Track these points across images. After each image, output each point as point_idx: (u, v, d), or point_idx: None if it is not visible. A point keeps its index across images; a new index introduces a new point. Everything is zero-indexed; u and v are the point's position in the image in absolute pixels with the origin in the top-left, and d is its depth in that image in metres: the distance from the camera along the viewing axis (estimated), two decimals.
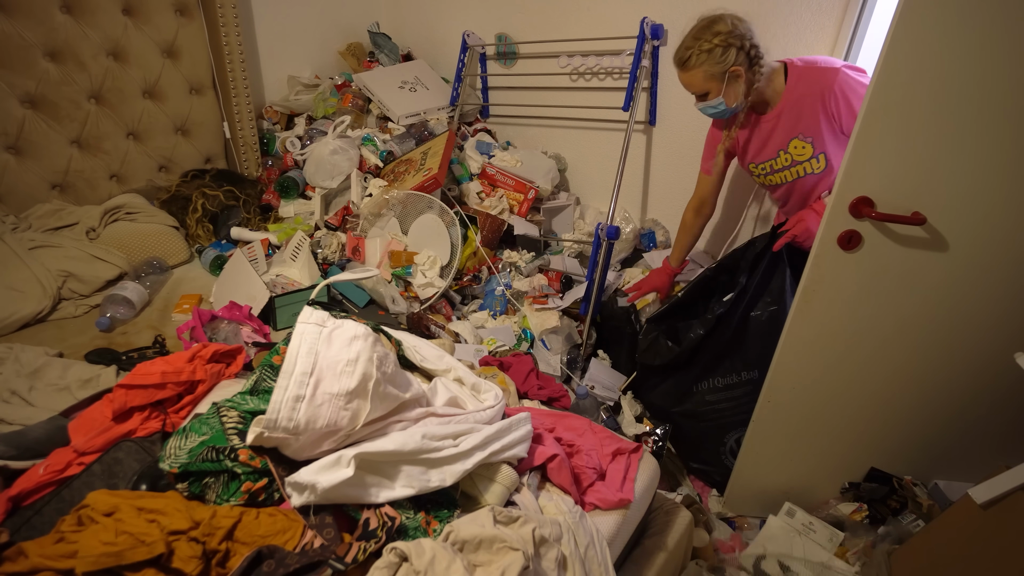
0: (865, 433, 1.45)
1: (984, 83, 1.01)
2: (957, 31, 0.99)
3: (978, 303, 1.21)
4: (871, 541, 1.43)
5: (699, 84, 1.50)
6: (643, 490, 1.13)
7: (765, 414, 1.49)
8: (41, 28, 1.78)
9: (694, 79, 1.50)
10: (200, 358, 1.11)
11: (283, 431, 0.81)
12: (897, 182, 1.13)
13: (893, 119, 1.08)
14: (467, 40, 2.48)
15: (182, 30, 2.07)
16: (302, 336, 0.89)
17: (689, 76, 1.50)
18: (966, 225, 1.13)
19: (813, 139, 1.50)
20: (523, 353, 1.68)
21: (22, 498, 0.89)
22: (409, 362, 1.17)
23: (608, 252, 1.94)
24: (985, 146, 1.05)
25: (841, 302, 1.28)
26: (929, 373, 1.32)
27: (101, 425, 1.00)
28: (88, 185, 2.00)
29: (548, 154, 2.49)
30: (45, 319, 1.63)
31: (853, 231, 1.19)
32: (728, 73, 1.46)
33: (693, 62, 1.47)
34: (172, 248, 1.95)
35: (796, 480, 1.58)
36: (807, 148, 1.51)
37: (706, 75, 1.47)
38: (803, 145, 1.52)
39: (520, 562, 0.77)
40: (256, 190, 2.23)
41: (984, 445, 1.38)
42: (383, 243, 2.00)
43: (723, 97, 1.50)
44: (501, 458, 0.95)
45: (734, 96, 1.50)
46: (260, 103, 2.46)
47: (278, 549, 0.74)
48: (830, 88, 1.42)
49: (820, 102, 1.44)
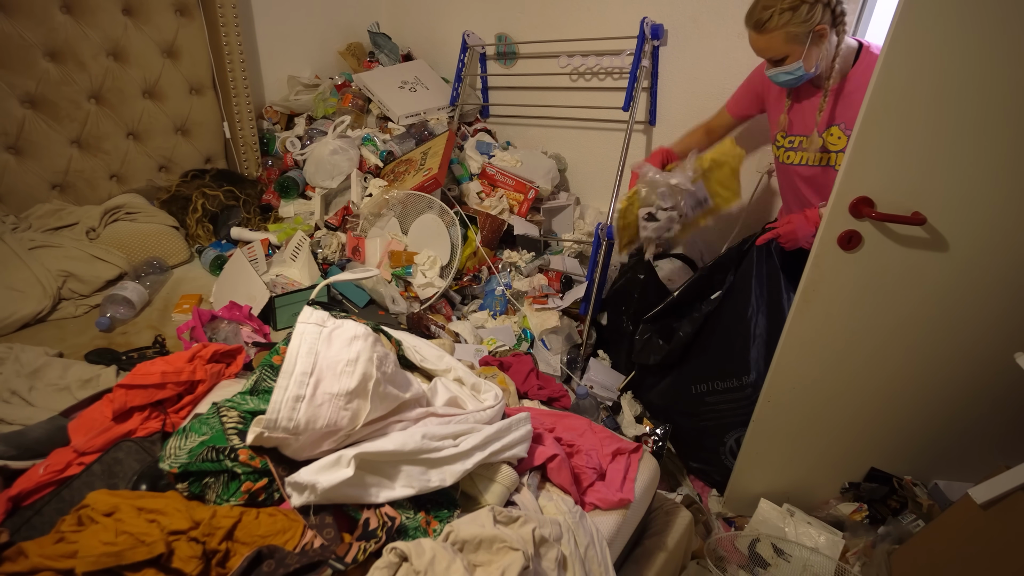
0: (865, 433, 1.45)
1: (984, 83, 1.01)
2: (957, 31, 0.99)
3: (978, 303, 1.21)
4: (871, 541, 1.43)
5: (779, 47, 1.34)
6: (643, 490, 1.13)
7: (765, 414, 1.49)
8: (41, 28, 1.78)
9: (773, 42, 1.34)
10: (200, 358, 1.11)
11: (283, 431, 0.81)
12: (897, 182, 1.13)
13: (893, 119, 1.08)
14: (467, 40, 2.48)
15: (182, 30, 2.07)
16: (302, 336, 0.89)
17: (768, 39, 1.35)
18: (966, 225, 1.13)
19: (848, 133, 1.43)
20: (523, 353, 1.68)
21: (22, 498, 0.89)
22: (409, 362, 1.17)
23: (608, 252, 1.94)
24: (985, 146, 1.05)
25: (841, 302, 1.28)
26: (929, 373, 1.32)
27: (101, 425, 1.00)
28: (88, 185, 2.00)
29: (548, 154, 2.49)
30: (45, 319, 1.63)
31: (853, 231, 1.19)
32: (813, 33, 1.31)
33: (775, 22, 1.31)
34: (172, 248, 1.95)
35: (796, 480, 1.58)
36: (843, 140, 1.43)
37: (788, 36, 1.32)
38: (841, 135, 1.43)
39: (520, 562, 0.77)
40: (256, 190, 2.23)
41: (984, 445, 1.38)
42: (383, 243, 2.00)
43: (803, 61, 1.35)
44: (501, 458, 0.95)
45: (815, 60, 1.36)
46: (260, 103, 2.46)
47: (278, 549, 0.74)
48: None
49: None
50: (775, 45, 1.35)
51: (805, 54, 1.34)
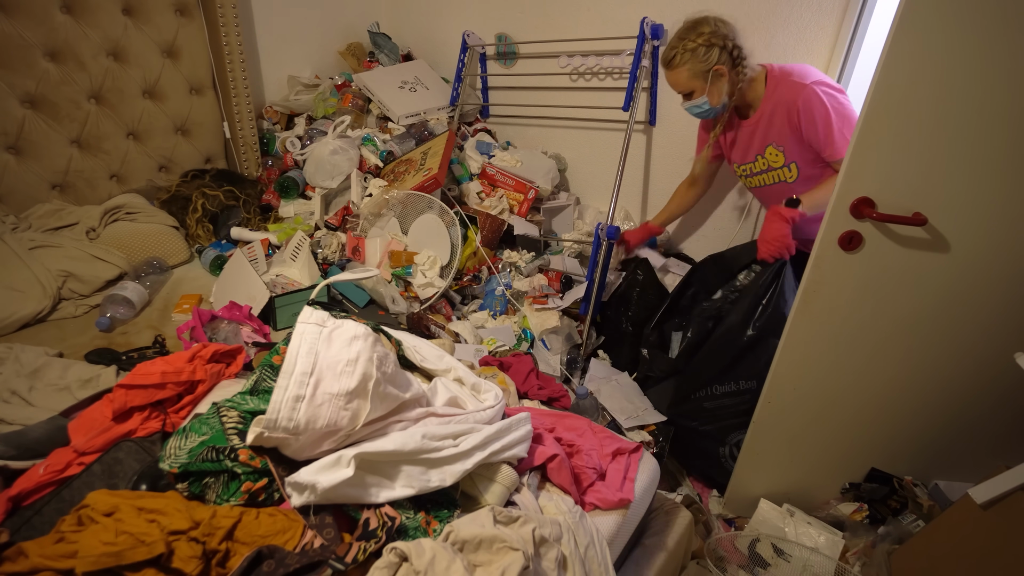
0: (865, 434, 1.45)
1: (984, 84, 1.01)
2: (957, 32, 0.99)
3: (979, 303, 1.21)
4: (871, 541, 1.43)
5: (684, 83, 1.55)
6: (643, 490, 1.13)
7: (765, 416, 1.49)
8: (41, 28, 1.78)
9: (679, 77, 1.55)
10: (200, 358, 1.10)
11: (283, 431, 0.81)
12: (898, 183, 1.13)
13: (894, 120, 1.08)
14: (467, 40, 2.48)
15: (182, 30, 2.07)
16: (302, 336, 0.89)
17: (674, 75, 1.56)
18: (967, 226, 1.13)
19: (784, 148, 1.55)
20: (523, 353, 1.68)
21: (22, 498, 0.89)
22: (409, 362, 1.17)
23: (608, 252, 1.94)
24: (986, 146, 1.05)
25: (842, 303, 1.28)
26: (930, 373, 1.32)
27: (101, 425, 0.99)
28: (88, 185, 2.00)
29: (548, 154, 2.49)
30: (45, 319, 1.63)
31: (854, 232, 1.19)
32: (711, 72, 1.51)
33: (678, 61, 1.53)
34: (172, 248, 1.95)
35: (797, 481, 1.58)
36: (780, 156, 1.57)
37: (690, 73, 1.53)
38: (776, 152, 1.58)
39: (520, 562, 0.77)
40: (256, 190, 2.23)
41: (984, 445, 1.38)
42: (383, 243, 2.00)
43: (707, 96, 1.55)
44: (501, 458, 0.95)
45: (717, 95, 1.55)
46: (260, 103, 2.46)
47: (278, 549, 0.74)
48: (795, 103, 1.47)
49: (787, 114, 1.50)
50: (681, 80, 1.56)
51: (708, 90, 1.54)
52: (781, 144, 1.55)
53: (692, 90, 1.56)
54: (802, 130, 1.48)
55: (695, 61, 1.50)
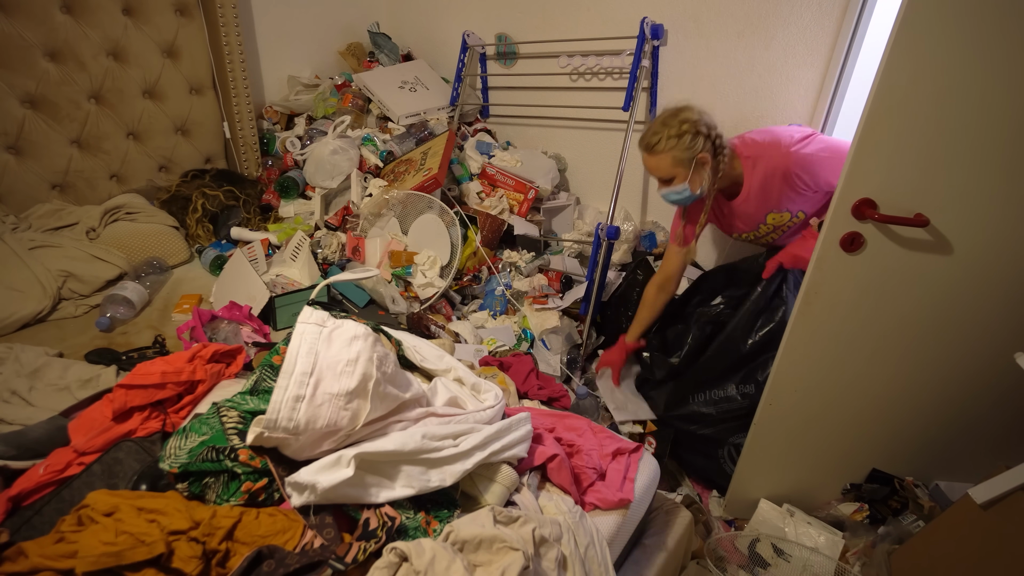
0: (866, 434, 1.45)
1: (986, 84, 1.01)
2: (959, 33, 0.99)
3: (980, 304, 1.20)
4: (871, 541, 1.43)
5: (666, 169, 1.51)
6: (643, 490, 1.13)
7: (766, 417, 1.48)
8: (41, 28, 1.78)
9: (661, 163, 1.51)
10: (200, 358, 1.10)
11: (283, 431, 0.81)
12: (900, 184, 1.12)
13: (895, 121, 1.07)
14: (467, 40, 2.48)
15: (182, 30, 2.07)
16: (302, 336, 0.89)
17: (657, 160, 1.51)
18: (969, 227, 1.13)
19: (789, 208, 1.56)
20: (523, 353, 1.68)
21: (22, 498, 0.89)
22: (409, 362, 1.17)
23: (608, 252, 1.94)
24: (988, 147, 1.05)
25: (843, 304, 1.28)
26: (931, 374, 1.32)
27: (101, 425, 0.99)
28: (88, 185, 2.00)
29: (548, 154, 2.49)
30: (45, 319, 1.63)
31: (855, 233, 1.19)
32: (696, 160, 1.49)
33: (662, 147, 1.49)
34: (172, 248, 1.95)
35: (797, 482, 1.57)
36: (784, 215, 1.58)
37: (674, 160, 1.49)
38: (779, 215, 1.58)
39: (520, 562, 0.77)
40: (256, 190, 2.23)
41: (985, 446, 1.38)
42: (383, 243, 2.00)
43: (688, 184, 1.51)
44: (501, 458, 0.95)
45: (699, 182, 1.53)
46: (260, 103, 2.46)
47: (278, 549, 0.74)
48: (789, 171, 1.47)
49: (784, 182, 1.50)
50: (663, 166, 1.51)
51: (690, 177, 1.51)
52: (782, 208, 1.55)
53: (673, 176, 1.52)
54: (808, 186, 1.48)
55: (680, 148, 1.47)
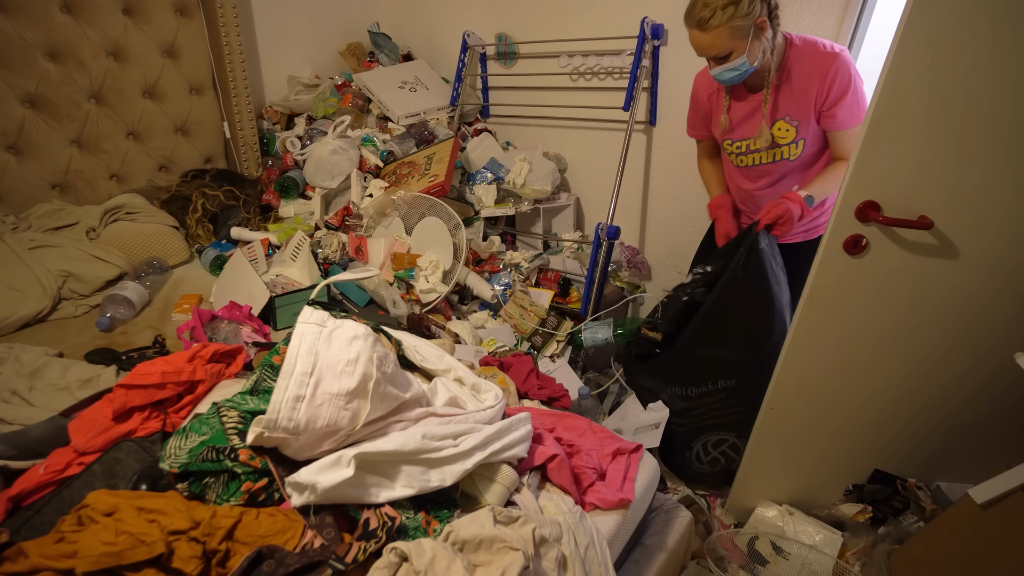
0: (869, 436, 1.45)
1: (993, 85, 1.01)
2: (965, 33, 0.98)
3: (985, 307, 1.20)
4: (871, 541, 1.43)
5: (723, 43, 1.35)
6: (643, 490, 1.13)
7: (768, 420, 1.48)
8: (41, 28, 1.78)
9: (719, 38, 1.35)
10: (200, 358, 1.10)
11: (283, 431, 0.81)
12: (904, 186, 1.12)
13: (900, 122, 1.07)
14: (467, 40, 2.48)
15: (182, 30, 2.07)
16: (302, 336, 0.89)
17: (712, 36, 1.35)
18: (974, 229, 1.13)
19: (799, 123, 1.45)
20: (523, 353, 1.68)
21: (22, 498, 0.89)
22: (409, 362, 1.17)
23: (608, 252, 1.95)
24: (993, 149, 1.05)
25: (846, 307, 1.28)
26: (934, 376, 1.32)
27: (101, 425, 0.99)
28: (88, 185, 2.00)
29: (548, 154, 2.49)
30: (45, 319, 1.63)
31: (859, 236, 1.19)
32: (754, 26, 1.33)
33: (718, 19, 1.32)
34: (172, 248, 1.95)
35: (800, 485, 1.57)
36: (791, 131, 1.47)
37: (732, 31, 1.33)
38: (787, 128, 1.47)
39: (520, 562, 0.77)
40: (256, 190, 2.23)
41: (987, 447, 1.38)
42: (387, 243, 2.00)
43: (747, 56, 1.37)
44: (501, 458, 0.95)
45: (757, 53, 1.38)
46: (260, 103, 2.45)
47: (278, 549, 0.74)
48: (827, 71, 1.38)
49: (817, 85, 1.40)
50: (720, 41, 1.36)
51: (748, 48, 1.36)
52: (796, 118, 1.44)
53: (731, 51, 1.36)
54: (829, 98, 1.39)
55: (738, 16, 1.31)
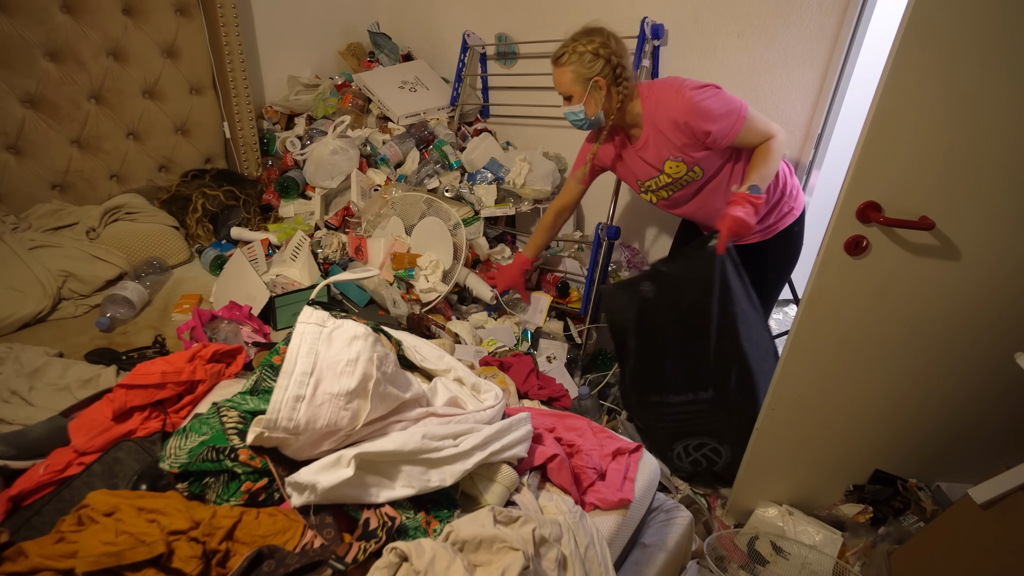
0: (869, 437, 1.45)
1: (995, 85, 1.00)
2: (967, 33, 0.98)
3: (986, 307, 1.20)
4: (871, 541, 1.43)
5: (566, 84, 1.54)
6: (643, 490, 1.13)
7: (769, 422, 1.47)
8: (41, 28, 1.78)
9: (562, 77, 1.54)
10: (200, 358, 1.10)
11: (283, 431, 0.81)
12: (905, 187, 1.12)
13: (902, 123, 1.07)
14: (467, 40, 2.48)
15: (182, 30, 2.07)
16: (302, 336, 0.89)
17: (559, 73, 1.55)
18: (976, 229, 1.13)
19: (683, 157, 1.54)
20: (523, 353, 1.68)
21: (22, 498, 0.89)
22: (409, 362, 1.17)
23: (608, 252, 1.95)
24: (995, 149, 1.05)
25: (847, 308, 1.27)
26: (935, 376, 1.32)
27: (101, 425, 0.99)
28: (88, 185, 2.00)
29: (548, 154, 2.49)
30: (45, 319, 1.63)
31: (860, 237, 1.18)
32: (592, 81, 1.51)
33: (564, 60, 1.53)
34: (172, 248, 1.95)
35: (801, 486, 1.57)
36: (681, 166, 1.57)
37: (574, 76, 1.52)
38: (676, 164, 1.57)
39: (520, 562, 0.77)
40: (256, 190, 2.23)
41: (988, 448, 1.38)
42: (387, 243, 2.00)
43: (584, 105, 1.54)
44: (501, 458, 0.95)
45: (594, 106, 1.55)
46: (260, 103, 2.46)
47: (278, 549, 0.74)
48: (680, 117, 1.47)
49: (679, 129, 1.49)
50: (564, 81, 1.55)
51: (585, 99, 1.53)
52: (679, 155, 1.54)
53: (572, 95, 1.55)
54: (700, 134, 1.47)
55: (580, 65, 1.50)
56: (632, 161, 1.67)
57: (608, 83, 1.52)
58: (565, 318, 2.18)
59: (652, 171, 1.63)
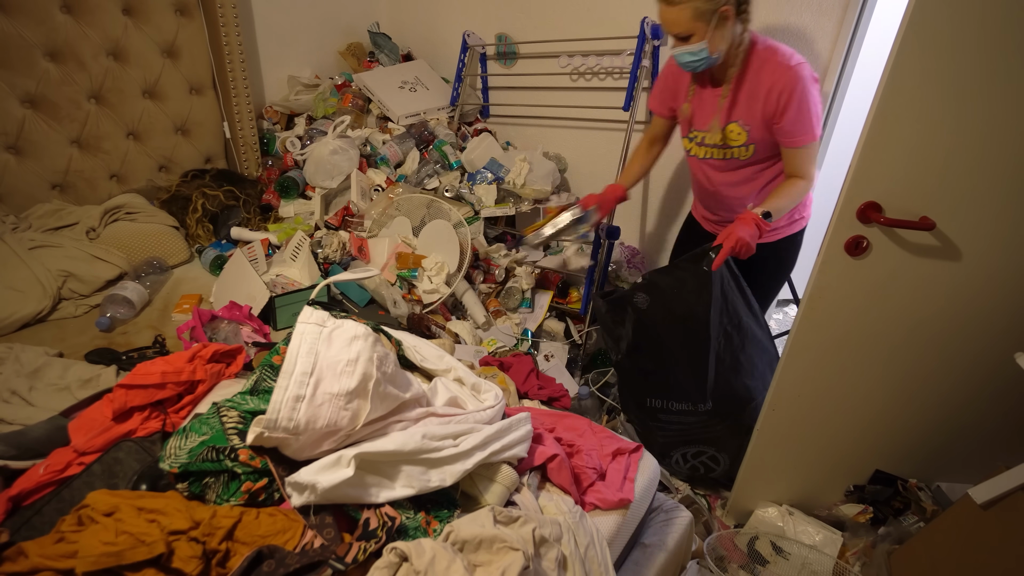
0: (870, 437, 1.45)
1: (996, 85, 1.00)
2: (967, 34, 0.98)
3: (987, 308, 1.20)
4: (871, 541, 1.43)
5: (685, 23, 1.37)
6: (643, 490, 1.13)
7: (769, 421, 1.47)
8: (41, 28, 1.78)
9: (681, 16, 1.36)
10: (200, 358, 1.10)
11: (283, 431, 0.81)
12: (906, 187, 1.12)
13: (902, 123, 1.07)
14: (467, 40, 2.48)
15: (182, 30, 2.07)
16: (302, 336, 0.89)
17: (676, 12, 1.36)
18: (976, 230, 1.12)
19: (751, 128, 1.46)
20: (523, 353, 1.68)
21: (22, 498, 0.89)
22: (409, 362, 1.17)
23: (608, 252, 1.94)
24: (996, 149, 1.05)
25: (847, 308, 1.27)
26: (936, 376, 1.32)
27: (101, 425, 0.99)
28: (88, 185, 2.00)
29: (548, 154, 2.49)
30: (45, 319, 1.63)
31: (860, 237, 1.18)
32: (717, 13, 1.34)
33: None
34: (172, 248, 1.95)
35: (801, 486, 1.57)
36: (743, 135, 1.48)
37: (695, 12, 1.34)
38: (740, 131, 1.48)
39: (520, 562, 0.77)
40: (256, 190, 2.23)
41: (988, 448, 1.38)
42: (391, 244, 1.99)
43: (707, 42, 1.37)
44: (501, 458, 0.95)
45: (718, 42, 1.38)
46: (260, 103, 2.45)
47: (278, 549, 0.74)
48: (776, 86, 1.38)
49: (766, 96, 1.40)
50: (682, 20, 1.37)
51: (709, 35, 1.36)
52: (748, 124, 1.45)
53: (691, 33, 1.37)
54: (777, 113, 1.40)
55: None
56: (703, 101, 1.53)
57: (733, 12, 1.35)
58: (565, 318, 2.19)
59: (707, 122, 1.52)
